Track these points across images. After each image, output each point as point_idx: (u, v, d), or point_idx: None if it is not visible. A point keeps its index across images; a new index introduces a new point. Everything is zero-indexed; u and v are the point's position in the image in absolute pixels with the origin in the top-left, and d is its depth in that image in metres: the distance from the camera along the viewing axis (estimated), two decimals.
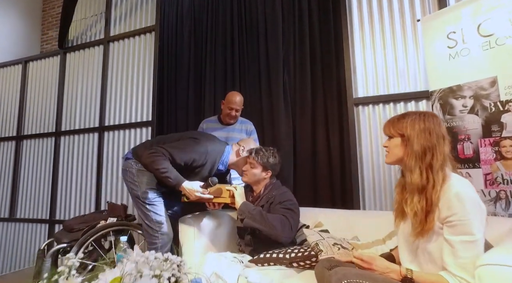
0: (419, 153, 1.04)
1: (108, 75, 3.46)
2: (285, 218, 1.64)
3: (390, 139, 1.14)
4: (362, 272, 1.04)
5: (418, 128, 1.07)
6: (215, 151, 1.90)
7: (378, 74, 2.37)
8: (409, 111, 1.15)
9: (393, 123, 1.13)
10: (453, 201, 0.96)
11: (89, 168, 3.40)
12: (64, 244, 1.96)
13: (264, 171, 1.83)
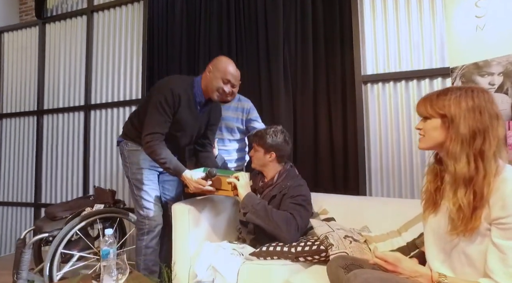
0: (466, 136, 0.86)
1: (93, 49, 3.17)
2: (292, 216, 1.47)
3: (426, 121, 0.96)
4: (386, 276, 0.89)
5: (465, 106, 0.88)
6: (179, 83, 1.71)
7: (389, 49, 2.17)
8: (451, 86, 0.97)
9: (431, 101, 0.94)
10: (509, 200, 0.80)
11: (75, 149, 3.19)
12: (45, 234, 1.78)
13: (267, 153, 1.66)
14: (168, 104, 1.64)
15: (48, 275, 1.73)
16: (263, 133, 1.68)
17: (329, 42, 2.30)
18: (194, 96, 1.74)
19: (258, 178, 1.75)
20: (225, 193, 1.60)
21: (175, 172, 1.64)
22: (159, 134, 1.65)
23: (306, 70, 2.36)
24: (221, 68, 1.69)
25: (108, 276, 1.18)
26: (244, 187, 1.56)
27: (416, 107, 0.99)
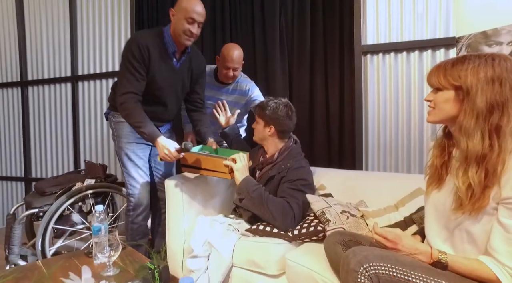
0: (483, 110, 0.79)
1: (78, 16, 2.96)
2: (289, 206, 1.40)
3: (437, 92, 0.88)
4: (386, 253, 0.87)
5: (484, 77, 0.80)
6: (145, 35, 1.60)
7: (392, 18, 2.05)
8: (469, 54, 0.86)
9: (445, 71, 0.85)
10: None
11: (64, 122, 3.08)
12: (35, 209, 1.74)
13: (267, 126, 1.59)
14: (136, 59, 1.52)
15: (40, 250, 1.71)
16: (264, 105, 1.59)
17: (328, 10, 2.18)
18: (166, 47, 1.61)
19: (259, 153, 1.69)
20: (222, 175, 1.54)
21: (150, 137, 1.54)
22: (132, 94, 1.54)
23: (303, 39, 2.25)
24: (183, 8, 1.54)
25: (101, 253, 1.16)
26: (241, 171, 1.47)
27: (427, 76, 0.91)
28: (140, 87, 1.55)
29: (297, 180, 1.47)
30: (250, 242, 1.36)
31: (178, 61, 1.67)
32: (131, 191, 1.72)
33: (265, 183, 1.54)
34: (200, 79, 1.82)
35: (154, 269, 1.02)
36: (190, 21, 1.53)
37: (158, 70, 1.58)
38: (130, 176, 1.71)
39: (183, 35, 1.55)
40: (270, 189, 1.52)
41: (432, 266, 0.86)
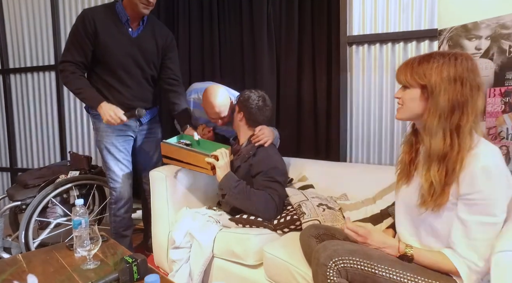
0: (445, 110, 0.82)
1: (60, 6, 2.88)
2: (271, 198, 1.42)
3: (405, 90, 0.90)
4: (355, 247, 0.90)
5: (447, 76, 0.82)
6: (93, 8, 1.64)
7: (377, 9, 2.04)
8: (435, 52, 0.88)
9: (412, 69, 0.86)
10: (478, 176, 0.78)
11: (49, 112, 3.03)
12: (18, 202, 1.74)
13: (239, 112, 1.62)
14: (79, 31, 1.54)
15: (24, 242, 1.72)
16: (243, 93, 1.63)
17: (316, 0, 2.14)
18: (119, 17, 1.61)
19: (236, 142, 1.72)
20: (204, 171, 1.54)
21: (92, 102, 1.56)
22: (70, 63, 1.56)
23: (291, 27, 2.22)
24: None
25: (81, 247, 1.17)
26: (222, 168, 1.48)
27: (396, 73, 0.92)
28: (79, 57, 1.57)
29: (268, 170, 1.48)
30: (230, 234, 1.38)
31: (135, 30, 1.65)
32: (112, 184, 1.72)
33: (235, 171, 1.56)
34: (170, 53, 1.79)
35: (132, 262, 1.04)
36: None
37: (110, 38, 1.58)
38: (110, 170, 1.71)
39: (140, 4, 1.55)
40: (241, 176, 1.53)
41: (399, 259, 0.89)
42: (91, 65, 1.63)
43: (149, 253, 2.02)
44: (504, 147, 1.41)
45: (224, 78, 2.39)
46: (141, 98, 1.73)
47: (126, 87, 1.66)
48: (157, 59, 1.75)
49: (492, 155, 0.81)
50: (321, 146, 2.22)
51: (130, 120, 1.74)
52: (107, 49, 1.57)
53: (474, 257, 0.80)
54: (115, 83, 1.63)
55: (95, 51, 1.58)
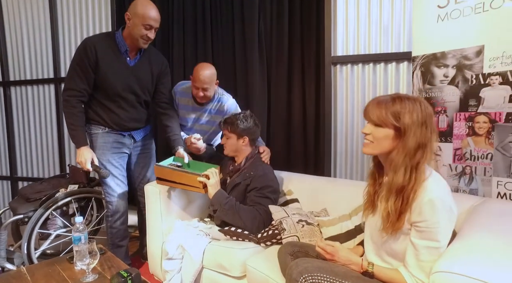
0: (411, 150, 0.91)
1: (59, 18, 2.99)
2: (258, 213, 1.55)
3: (377, 128, 0.97)
4: (324, 264, 1.02)
5: (416, 120, 0.91)
6: (94, 37, 1.74)
7: (360, 31, 2.17)
8: (401, 95, 0.96)
9: (386, 109, 0.93)
10: (425, 208, 0.90)
11: (48, 123, 3.14)
12: (20, 215, 1.85)
13: (240, 138, 1.72)
14: (81, 59, 1.63)
15: (26, 253, 1.82)
16: (234, 119, 1.70)
17: (305, 19, 2.26)
18: (118, 47, 1.70)
19: (229, 163, 1.81)
20: (196, 190, 1.64)
21: (76, 142, 1.70)
22: (74, 91, 1.66)
23: (281, 45, 2.34)
24: (140, 14, 1.61)
25: (80, 261, 1.28)
26: (213, 186, 1.59)
27: (366, 111, 0.99)
28: (82, 85, 1.66)
29: (262, 187, 1.61)
30: (218, 247, 1.50)
31: (132, 59, 1.76)
32: (108, 198, 1.84)
33: (231, 189, 1.69)
34: (163, 79, 1.89)
35: (127, 276, 1.16)
36: (147, 27, 1.63)
37: (109, 68, 1.68)
38: (106, 185, 1.83)
39: (140, 40, 1.65)
40: (236, 195, 1.66)
41: (362, 275, 1.02)
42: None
43: (144, 261, 2.14)
44: (468, 167, 1.54)
45: None
46: (135, 119, 1.86)
47: (122, 110, 1.78)
48: (151, 86, 1.86)
49: (438, 189, 0.92)
50: (311, 162, 2.33)
51: (126, 137, 1.87)
52: (106, 78, 1.68)
53: (422, 276, 0.92)
54: (112, 107, 1.75)
55: (95, 78, 1.69)
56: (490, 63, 1.43)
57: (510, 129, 1.40)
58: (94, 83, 1.70)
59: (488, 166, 1.48)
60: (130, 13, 1.64)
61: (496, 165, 1.45)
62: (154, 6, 1.66)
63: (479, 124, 1.49)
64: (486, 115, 1.47)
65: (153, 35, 1.68)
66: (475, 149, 1.51)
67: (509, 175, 1.42)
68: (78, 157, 1.68)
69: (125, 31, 1.69)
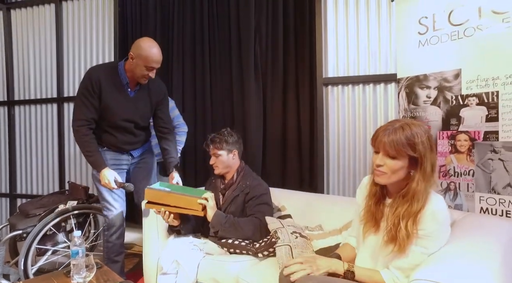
0: (430, 174, 0.96)
1: (64, 39, 3.14)
2: (259, 221, 1.63)
3: (392, 159, 0.97)
4: (327, 280, 1.04)
5: (428, 145, 0.95)
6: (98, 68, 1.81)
7: (349, 54, 2.30)
8: (407, 121, 0.98)
9: (400, 140, 0.94)
10: (427, 218, 0.96)
11: (50, 142, 3.22)
12: (19, 231, 1.89)
13: (230, 153, 1.79)
14: (87, 90, 1.72)
15: (22, 269, 1.85)
16: (221, 137, 1.78)
17: (299, 43, 2.37)
18: (120, 79, 1.79)
19: (218, 181, 1.87)
20: (194, 212, 1.64)
21: (95, 167, 1.78)
22: (83, 121, 1.74)
23: (276, 67, 2.44)
24: (144, 56, 1.67)
25: (77, 274, 1.32)
26: (212, 208, 1.64)
27: (378, 142, 0.99)
28: (90, 114, 1.75)
29: (261, 194, 1.71)
30: (212, 261, 1.54)
31: (133, 90, 1.85)
32: (106, 212, 1.89)
33: (230, 203, 1.74)
34: (161, 105, 1.97)
35: None
36: (150, 69, 1.71)
37: (111, 99, 1.76)
38: (104, 199, 1.88)
39: (142, 78, 1.76)
40: (236, 206, 1.72)
41: (345, 276, 1.06)
42: None
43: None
44: (452, 183, 1.61)
45: (214, 114, 2.60)
46: (132, 143, 1.95)
47: (120, 135, 1.87)
48: (150, 114, 1.96)
49: (438, 203, 0.98)
50: (305, 179, 2.38)
51: (123, 154, 1.95)
52: (108, 108, 1.77)
53: (400, 275, 0.99)
54: (112, 131, 1.84)
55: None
56: (467, 86, 1.53)
57: (488, 147, 1.48)
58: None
59: (471, 182, 1.54)
60: (133, 53, 1.69)
61: (477, 181, 1.52)
62: (157, 47, 1.71)
63: (460, 142, 1.57)
64: (466, 134, 1.55)
65: (154, 75, 1.75)
66: (458, 166, 1.58)
67: (489, 190, 1.49)
68: (102, 179, 1.75)
69: (127, 65, 1.78)
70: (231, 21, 2.53)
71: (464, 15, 1.54)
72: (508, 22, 1.41)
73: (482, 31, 1.48)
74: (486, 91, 1.48)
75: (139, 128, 1.94)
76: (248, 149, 2.43)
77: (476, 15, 1.50)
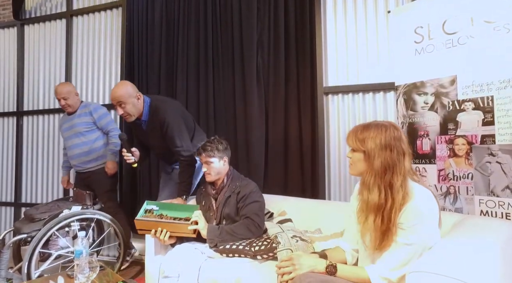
0: (379, 170, 1.04)
1: (73, 53, 3.26)
2: (252, 221, 1.66)
3: (353, 152, 1.12)
4: (326, 278, 1.06)
5: (379, 144, 1.04)
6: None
7: (349, 63, 2.37)
8: (372, 123, 1.11)
9: (355, 136, 1.10)
10: (407, 211, 1.00)
11: (55, 151, 3.28)
12: (24, 235, 1.91)
13: (221, 160, 1.84)
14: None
15: (26, 273, 1.86)
16: (211, 145, 1.82)
17: (300, 54, 2.45)
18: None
19: (209, 188, 1.88)
20: (187, 235, 1.69)
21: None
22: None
23: (278, 78, 2.51)
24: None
25: (81, 274, 1.34)
26: (204, 228, 1.67)
27: (346, 138, 1.15)
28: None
29: (250, 193, 1.75)
30: (213, 264, 1.55)
31: (143, 125, 2.06)
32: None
33: (223, 205, 1.77)
34: (166, 136, 2.00)
35: None
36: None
37: (135, 133, 2.17)
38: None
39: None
40: (230, 207, 1.76)
41: (327, 271, 1.08)
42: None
43: None
44: (452, 186, 1.63)
45: (217, 122, 2.66)
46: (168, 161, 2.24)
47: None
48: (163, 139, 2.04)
49: (422, 198, 1.01)
50: (307, 186, 2.40)
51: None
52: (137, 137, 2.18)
53: (383, 267, 1.01)
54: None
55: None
56: (463, 91, 1.58)
57: (485, 150, 1.51)
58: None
59: (470, 185, 1.56)
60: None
61: (476, 184, 1.54)
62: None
63: (458, 146, 1.60)
64: (464, 138, 1.59)
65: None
66: (457, 169, 1.61)
67: (489, 193, 1.50)
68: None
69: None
70: (234, 35, 2.63)
71: (457, 25, 1.61)
72: (499, 30, 1.47)
73: (475, 39, 1.54)
74: (481, 96, 1.52)
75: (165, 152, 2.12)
76: (251, 157, 2.46)
77: (469, 24, 1.57)
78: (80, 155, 2.44)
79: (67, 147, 2.52)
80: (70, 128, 2.48)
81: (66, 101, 2.43)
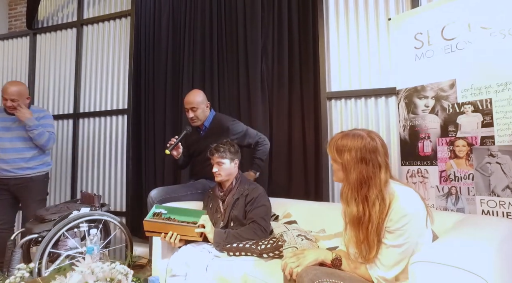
0: (355, 184, 1.02)
1: (82, 60, 3.36)
2: (258, 224, 1.69)
3: (333, 161, 1.10)
4: (332, 271, 1.08)
5: (355, 157, 1.01)
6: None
7: (351, 69, 2.43)
8: (350, 132, 1.08)
9: (334, 146, 1.07)
10: (393, 214, 1.01)
11: (64, 156, 3.35)
12: (34, 235, 1.96)
13: (232, 162, 1.88)
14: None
15: (37, 272, 1.90)
16: (223, 147, 1.87)
17: (303, 60, 2.53)
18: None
19: (217, 190, 1.93)
20: (193, 238, 1.73)
21: None
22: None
23: (281, 84, 2.58)
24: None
25: None
26: (211, 232, 1.69)
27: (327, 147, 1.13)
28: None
29: (258, 196, 1.79)
30: (220, 262, 1.58)
31: (202, 131, 2.25)
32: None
33: (231, 207, 1.81)
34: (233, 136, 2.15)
35: (136, 281, 1.25)
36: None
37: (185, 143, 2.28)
38: None
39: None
40: (238, 210, 1.79)
41: (332, 263, 1.10)
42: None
43: None
44: (454, 187, 1.67)
45: None
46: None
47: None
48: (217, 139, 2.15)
49: (405, 200, 1.00)
50: (311, 189, 2.45)
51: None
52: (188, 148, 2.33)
53: (378, 263, 1.03)
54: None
55: None
56: (463, 94, 1.63)
57: (485, 151, 1.55)
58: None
59: (471, 186, 1.60)
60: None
61: (477, 185, 1.58)
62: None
63: (459, 148, 1.65)
64: (464, 140, 1.63)
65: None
66: (458, 170, 1.65)
67: (489, 193, 1.54)
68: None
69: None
70: (239, 42, 2.71)
71: (455, 31, 1.68)
72: (495, 36, 1.53)
73: (473, 44, 1.61)
74: (480, 99, 1.57)
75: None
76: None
77: (466, 30, 1.63)
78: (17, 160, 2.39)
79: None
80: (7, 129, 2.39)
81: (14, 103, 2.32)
